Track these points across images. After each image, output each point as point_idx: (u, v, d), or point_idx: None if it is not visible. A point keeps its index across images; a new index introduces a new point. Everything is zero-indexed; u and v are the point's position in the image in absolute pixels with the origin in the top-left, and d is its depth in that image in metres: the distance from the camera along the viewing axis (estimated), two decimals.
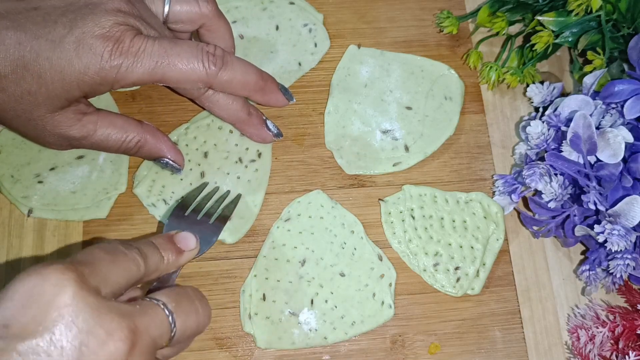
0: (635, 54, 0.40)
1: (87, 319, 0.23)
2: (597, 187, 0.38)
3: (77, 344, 0.23)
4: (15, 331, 0.22)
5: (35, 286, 0.23)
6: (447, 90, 0.46)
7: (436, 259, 0.42)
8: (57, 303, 0.23)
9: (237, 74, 0.38)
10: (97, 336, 0.23)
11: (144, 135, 0.39)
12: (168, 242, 0.32)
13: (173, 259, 0.32)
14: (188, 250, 0.33)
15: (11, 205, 0.43)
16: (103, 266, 0.26)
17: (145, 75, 0.35)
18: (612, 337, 0.39)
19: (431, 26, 0.48)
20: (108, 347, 0.23)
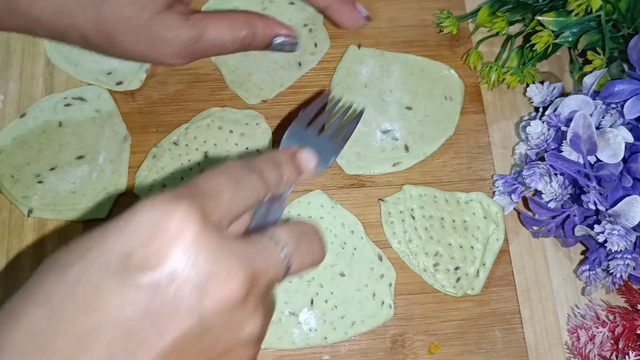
0: (635, 54, 0.40)
1: (209, 259, 0.22)
2: (597, 187, 0.38)
3: (196, 284, 0.22)
4: (137, 262, 0.21)
5: (160, 220, 0.22)
6: (447, 90, 0.46)
7: (436, 259, 0.42)
8: (181, 240, 0.22)
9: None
10: (216, 278, 0.22)
11: (253, 21, 0.38)
12: (289, 160, 0.31)
13: (292, 179, 0.30)
14: (308, 170, 0.31)
15: (11, 205, 0.43)
16: (226, 198, 0.25)
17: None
18: (612, 337, 0.39)
19: (431, 26, 0.48)
20: (225, 290, 0.22)
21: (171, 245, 0.22)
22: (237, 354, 0.24)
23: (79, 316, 0.21)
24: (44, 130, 0.44)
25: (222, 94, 0.46)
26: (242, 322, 0.24)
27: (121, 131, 0.44)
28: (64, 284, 0.22)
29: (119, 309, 0.21)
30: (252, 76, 0.46)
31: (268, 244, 0.26)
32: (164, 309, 0.21)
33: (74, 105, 0.44)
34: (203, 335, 0.22)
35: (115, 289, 0.21)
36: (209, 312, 0.22)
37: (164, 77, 0.46)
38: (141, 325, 0.21)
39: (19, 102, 0.45)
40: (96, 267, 0.22)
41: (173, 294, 0.21)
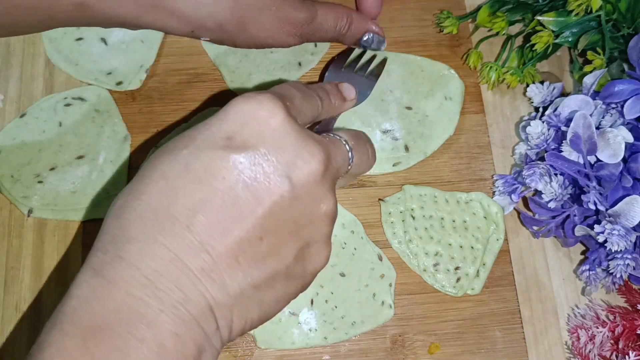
0: (635, 54, 0.40)
1: (294, 141, 0.27)
2: (597, 187, 0.38)
3: (286, 160, 0.26)
4: (238, 143, 0.26)
5: (253, 109, 0.27)
6: (447, 90, 0.46)
7: (436, 259, 0.42)
8: (271, 124, 0.27)
9: None
10: (301, 156, 0.27)
11: (350, 11, 0.43)
12: (335, 89, 0.36)
13: (338, 104, 0.36)
14: (349, 99, 0.37)
15: (11, 205, 0.43)
16: (297, 101, 0.30)
17: None
18: (612, 337, 0.39)
19: (431, 26, 0.48)
20: (310, 166, 0.27)
21: (264, 128, 0.26)
22: (316, 227, 0.28)
23: (193, 189, 0.25)
24: (43, 130, 0.44)
25: (222, 94, 0.46)
26: (321, 199, 0.28)
27: (121, 131, 0.44)
28: (176, 164, 0.26)
29: (226, 181, 0.25)
30: (252, 76, 0.46)
31: (334, 138, 0.31)
32: (261, 181, 0.26)
33: (74, 105, 0.44)
34: (291, 205, 0.27)
35: (221, 164, 0.25)
36: (296, 183, 0.26)
37: (164, 77, 0.46)
38: (244, 193, 0.25)
39: (19, 102, 0.45)
40: (204, 148, 0.26)
41: (268, 167, 0.26)
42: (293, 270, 0.28)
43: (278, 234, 0.27)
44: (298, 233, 0.28)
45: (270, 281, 0.27)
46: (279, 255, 0.27)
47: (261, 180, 0.26)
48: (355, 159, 0.32)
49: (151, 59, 0.46)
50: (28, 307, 0.40)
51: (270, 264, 0.27)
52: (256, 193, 0.26)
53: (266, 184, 0.26)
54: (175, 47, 0.47)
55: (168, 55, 0.47)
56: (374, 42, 0.44)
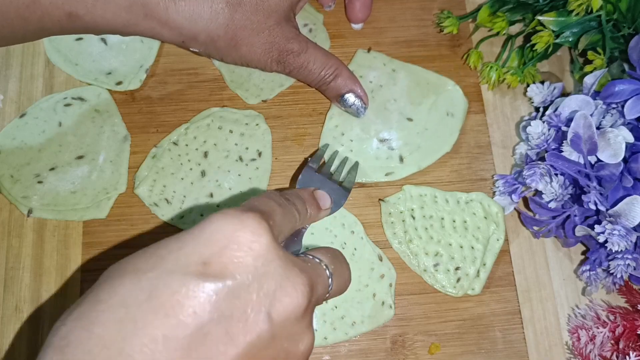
0: (636, 53, 0.39)
1: (278, 270, 0.24)
2: (597, 187, 0.38)
3: (268, 293, 0.23)
4: (214, 270, 0.23)
5: (235, 230, 0.24)
6: (450, 106, 0.45)
7: (436, 259, 0.42)
8: (254, 250, 0.23)
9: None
10: (284, 288, 0.24)
11: (341, 65, 0.42)
12: (310, 197, 0.34)
13: (314, 214, 0.34)
14: (325, 209, 0.35)
15: (11, 205, 0.43)
16: (278, 218, 0.27)
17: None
18: (613, 338, 0.39)
19: (431, 26, 0.48)
20: (292, 301, 0.24)
21: (246, 254, 0.23)
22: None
23: (155, 321, 0.21)
24: (43, 130, 0.44)
25: (222, 94, 0.46)
26: (300, 337, 0.25)
27: (121, 131, 0.44)
28: (140, 290, 0.22)
29: (196, 316, 0.22)
30: (252, 76, 0.46)
31: (316, 263, 0.28)
32: (237, 316, 0.22)
33: (74, 105, 0.44)
34: (270, 344, 0.23)
35: (192, 294, 0.22)
36: (277, 320, 0.23)
37: (163, 77, 0.46)
38: (216, 331, 0.22)
39: (19, 102, 0.45)
40: (174, 273, 0.22)
41: (246, 301, 0.23)
42: None
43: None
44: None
45: None
46: None
47: (238, 316, 0.22)
48: (335, 285, 0.29)
49: (151, 59, 0.46)
50: (28, 307, 0.40)
51: None
52: (230, 331, 0.22)
53: (243, 321, 0.23)
54: (175, 47, 0.47)
55: (168, 55, 0.47)
56: (354, 104, 0.43)
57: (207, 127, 0.44)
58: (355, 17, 0.46)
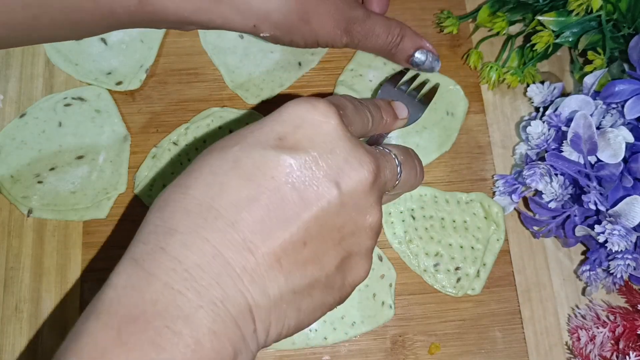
0: (636, 53, 0.39)
1: (345, 147, 0.26)
2: (597, 187, 0.38)
3: (336, 166, 0.26)
4: (289, 144, 0.26)
5: (307, 112, 0.26)
6: (450, 106, 0.45)
7: (437, 259, 0.42)
8: (324, 129, 0.26)
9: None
10: (351, 163, 0.26)
11: (403, 25, 0.43)
12: (387, 106, 0.35)
13: (390, 122, 0.35)
14: (401, 118, 0.36)
15: (11, 205, 0.42)
16: (350, 111, 0.29)
17: None
18: (613, 338, 0.39)
19: (431, 26, 0.48)
20: (358, 174, 0.26)
21: (317, 132, 0.26)
22: (359, 238, 0.28)
23: (240, 185, 0.25)
24: (43, 130, 0.44)
25: (222, 94, 0.46)
26: (367, 210, 0.27)
27: (121, 131, 0.44)
28: (226, 160, 0.25)
29: (274, 180, 0.25)
30: (252, 76, 0.46)
31: (384, 151, 0.31)
32: (310, 184, 0.25)
33: (74, 105, 0.44)
34: (338, 212, 0.26)
35: (271, 163, 0.25)
36: (344, 190, 0.26)
37: (163, 77, 0.46)
38: (292, 195, 0.25)
39: (19, 102, 0.45)
40: (255, 146, 0.26)
41: (317, 172, 0.26)
42: (332, 281, 0.27)
43: (322, 240, 0.26)
44: (341, 242, 0.27)
45: (309, 288, 0.26)
46: (321, 262, 0.26)
47: (310, 184, 0.25)
48: (404, 175, 0.31)
49: (151, 58, 0.46)
50: (28, 307, 0.40)
51: (312, 270, 0.26)
52: (304, 196, 0.25)
53: (314, 189, 0.25)
54: (175, 47, 0.47)
55: (168, 55, 0.47)
56: (427, 60, 0.43)
57: (207, 127, 0.44)
58: (373, 10, 0.45)
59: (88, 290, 0.41)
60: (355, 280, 0.29)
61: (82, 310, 0.40)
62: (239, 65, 0.46)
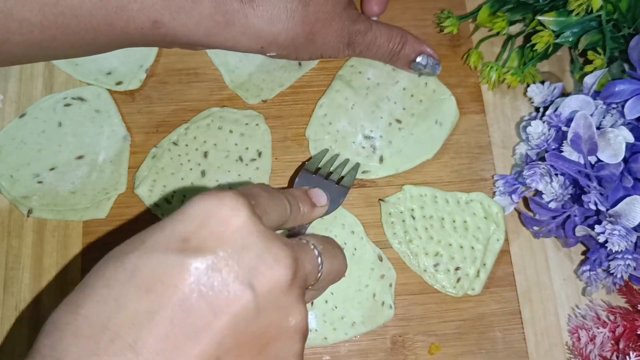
0: (636, 53, 0.39)
1: (258, 243, 0.24)
2: (597, 187, 0.38)
3: (248, 265, 0.24)
4: (194, 246, 0.23)
5: (213, 207, 0.24)
6: (440, 115, 0.45)
7: (437, 260, 0.42)
8: (233, 224, 0.24)
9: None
10: (265, 261, 0.24)
11: (405, 32, 0.43)
12: (303, 195, 0.34)
13: (307, 212, 0.33)
14: (320, 206, 0.35)
15: (11, 205, 0.42)
16: (263, 201, 0.28)
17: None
18: (613, 338, 0.39)
19: (431, 26, 0.48)
20: (275, 272, 0.24)
21: (225, 229, 0.24)
22: (284, 344, 0.25)
23: (139, 298, 0.22)
24: (43, 130, 0.44)
25: (222, 94, 0.46)
26: (289, 310, 0.25)
27: (121, 131, 0.44)
28: (122, 270, 0.23)
29: (178, 290, 0.22)
30: (252, 76, 0.46)
31: (302, 242, 0.28)
32: (219, 289, 0.23)
33: (74, 105, 0.44)
34: (255, 317, 0.23)
35: (173, 270, 0.22)
36: (260, 292, 0.23)
37: (163, 77, 0.46)
38: (199, 305, 0.22)
39: (19, 102, 0.45)
40: (155, 252, 0.23)
41: (227, 274, 0.23)
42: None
43: (239, 353, 0.23)
44: (263, 351, 0.24)
45: None
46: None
47: (219, 289, 0.23)
48: (325, 266, 0.29)
49: (151, 58, 0.46)
50: (28, 307, 0.40)
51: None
52: (213, 304, 0.22)
53: (225, 294, 0.23)
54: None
55: (168, 55, 0.47)
56: (429, 64, 0.44)
57: (207, 127, 0.44)
58: (371, 10, 0.46)
59: None
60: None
61: None
62: (239, 65, 0.46)
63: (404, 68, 0.45)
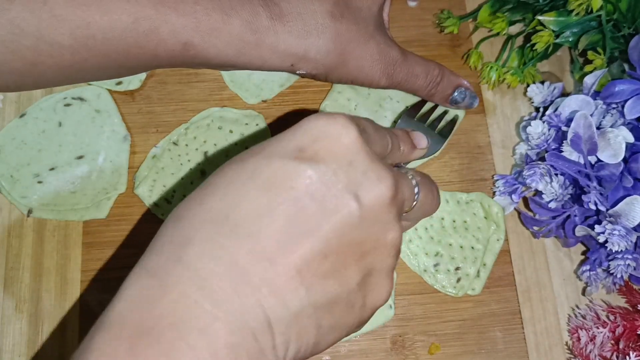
0: (636, 53, 0.39)
1: (364, 161, 0.26)
2: (597, 187, 0.38)
3: (355, 179, 0.25)
4: (309, 155, 0.25)
5: (326, 125, 0.26)
6: (444, 114, 0.45)
7: (437, 260, 0.42)
8: (343, 142, 0.26)
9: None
10: (369, 178, 0.26)
11: (442, 66, 0.43)
12: (406, 136, 0.34)
13: (407, 151, 0.34)
14: (420, 148, 0.35)
15: (11, 205, 0.42)
16: (370, 131, 0.29)
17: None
18: (613, 338, 0.39)
19: (431, 26, 0.48)
20: (377, 189, 0.26)
21: (336, 144, 0.25)
22: (380, 255, 0.27)
23: (258, 195, 0.24)
24: (43, 130, 0.44)
25: (222, 94, 0.46)
26: (387, 226, 0.26)
27: (121, 131, 0.44)
28: (243, 171, 0.25)
29: (293, 191, 0.24)
30: (252, 76, 0.46)
31: (402, 171, 0.30)
32: (329, 196, 0.24)
33: (74, 105, 0.44)
34: (358, 226, 0.25)
35: (290, 173, 0.24)
36: (364, 204, 0.25)
37: (163, 77, 0.46)
38: (311, 206, 0.24)
39: (19, 102, 0.45)
40: (274, 157, 0.25)
41: (337, 183, 0.25)
42: (354, 299, 0.26)
43: (342, 254, 0.25)
44: (362, 258, 0.26)
45: (331, 304, 0.25)
46: (342, 278, 0.25)
47: (329, 195, 0.24)
48: (421, 197, 0.31)
49: None
50: (28, 307, 0.40)
51: (333, 285, 0.25)
52: (323, 207, 0.24)
53: (334, 200, 0.24)
54: None
55: None
56: (466, 98, 0.43)
57: (207, 127, 0.44)
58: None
59: (88, 290, 0.41)
60: (377, 302, 0.28)
61: (82, 310, 0.40)
62: None
63: (441, 102, 0.44)
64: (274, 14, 0.37)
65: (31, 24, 0.33)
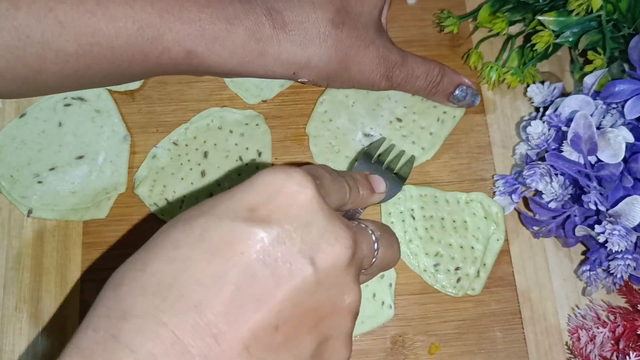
0: (636, 54, 0.39)
1: (321, 221, 0.25)
2: (597, 187, 0.38)
3: (311, 241, 0.24)
4: (261, 216, 0.24)
5: (282, 181, 0.25)
6: (443, 114, 0.45)
7: (437, 260, 0.42)
8: (299, 200, 0.24)
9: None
10: (327, 239, 0.24)
11: (443, 65, 0.43)
12: (364, 180, 0.34)
13: (366, 196, 0.33)
14: (379, 192, 0.35)
15: (11, 205, 0.42)
16: (327, 182, 0.28)
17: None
18: (613, 338, 0.39)
19: (431, 26, 0.48)
20: (335, 251, 0.24)
21: (291, 203, 0.24)
22: (337, 320, 0.25)
23: (206, 261, 0.23)
24: (43, 130, 0.44)
25: (222, 94, 0.46)
26: (345, 289, 0.25)
27: (121, 131, 0.44)
28: (191, 233, 0.23)
29: (244, 256, 0.23)
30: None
31: (361, 226, 0.29)
32: (283, 260, 0.23)
33: (74, 105, 0.44)
34: (314, 291, 0.24)
35: (240, 237, 0.23)
36: (320, 268, 0.24)
37: (163, 77, 0.46)
38: (263, 273, 0.23)
39: (19, 102, 0.45)
40: (223, 218, 0.24)
41: (291, 247, 0.23)
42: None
43: (296, 324, 0.24)
44: (317, 325, 0.25)
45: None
46: (295, 349, 0.24)
47: (283, 260, 0.23)
48: (381, 251, 0.30)
49: None
50: (28, 307, 0.40)
51: (285, 358, 0.24)
52: (276, 274, 0.23)
53: (288, 265, 0.23)
54: None
55: None
56: (468, 96, 0.43)
57: (207, 127, 0.44)
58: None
59: (88, 290, 0.41)
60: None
61: (82, 310, 0.40)
62: None
63: (442, 101, 0.44)
64: (277, 23, 0.37)
65: (37, 30, 0.32)
